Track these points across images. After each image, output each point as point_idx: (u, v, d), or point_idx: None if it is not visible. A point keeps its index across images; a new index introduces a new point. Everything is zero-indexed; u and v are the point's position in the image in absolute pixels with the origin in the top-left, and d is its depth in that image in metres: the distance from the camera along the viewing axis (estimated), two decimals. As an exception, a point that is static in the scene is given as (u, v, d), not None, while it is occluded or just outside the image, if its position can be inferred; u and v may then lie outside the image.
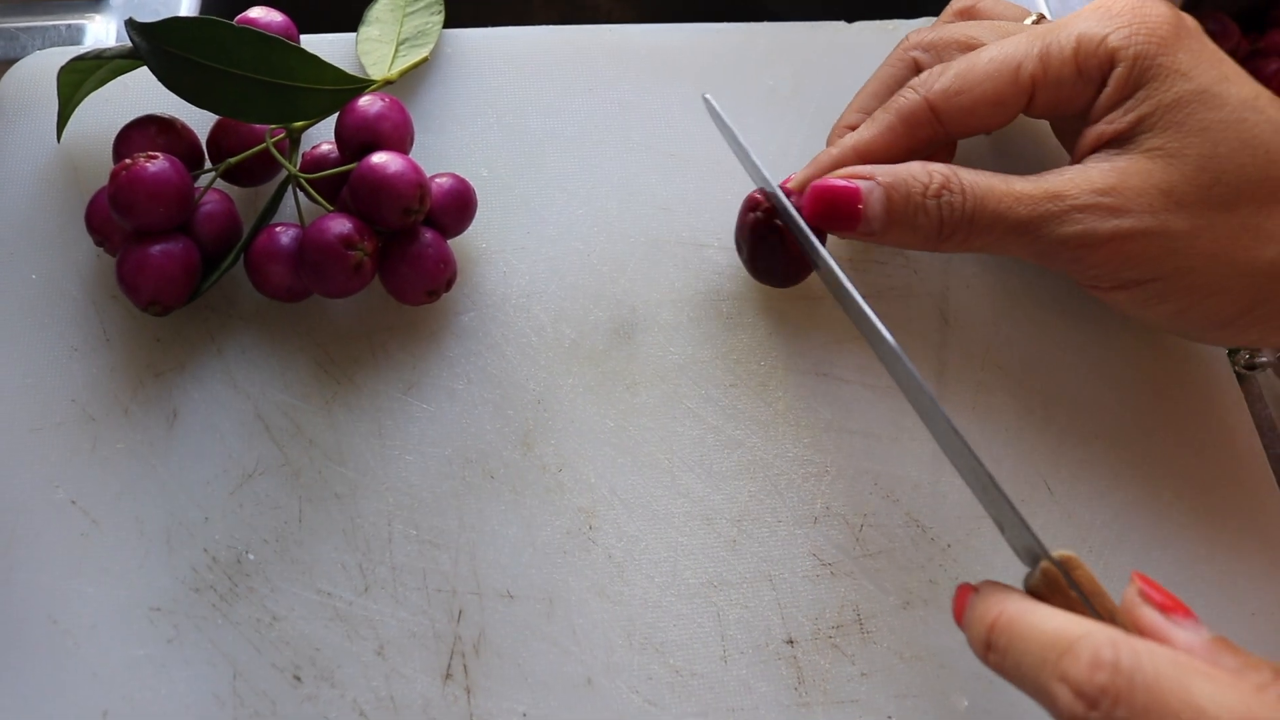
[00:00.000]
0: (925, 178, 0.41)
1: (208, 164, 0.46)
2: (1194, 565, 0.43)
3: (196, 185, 0.43)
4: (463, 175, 0.46)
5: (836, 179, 0.42)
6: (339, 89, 0.44)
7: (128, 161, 0.41)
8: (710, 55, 0.53)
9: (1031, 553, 0.35)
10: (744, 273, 0.47)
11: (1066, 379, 0.47)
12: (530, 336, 0.45)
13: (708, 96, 0.46)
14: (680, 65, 0.52)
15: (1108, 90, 0.40)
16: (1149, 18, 0.40)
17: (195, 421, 0.43)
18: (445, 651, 0.40)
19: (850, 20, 0.55)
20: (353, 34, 0.51)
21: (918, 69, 0.46)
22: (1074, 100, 0.42)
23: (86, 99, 0.46)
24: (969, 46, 0.44)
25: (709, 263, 0.47)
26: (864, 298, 0.46)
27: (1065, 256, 0.40)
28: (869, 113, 0.45)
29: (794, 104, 0.52)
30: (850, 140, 0.44)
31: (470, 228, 0.46)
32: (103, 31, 0.57)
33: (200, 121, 0.46)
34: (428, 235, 0.43)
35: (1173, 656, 0.29)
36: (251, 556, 0.41)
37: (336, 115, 0.44)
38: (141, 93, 0.48)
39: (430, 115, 0.50)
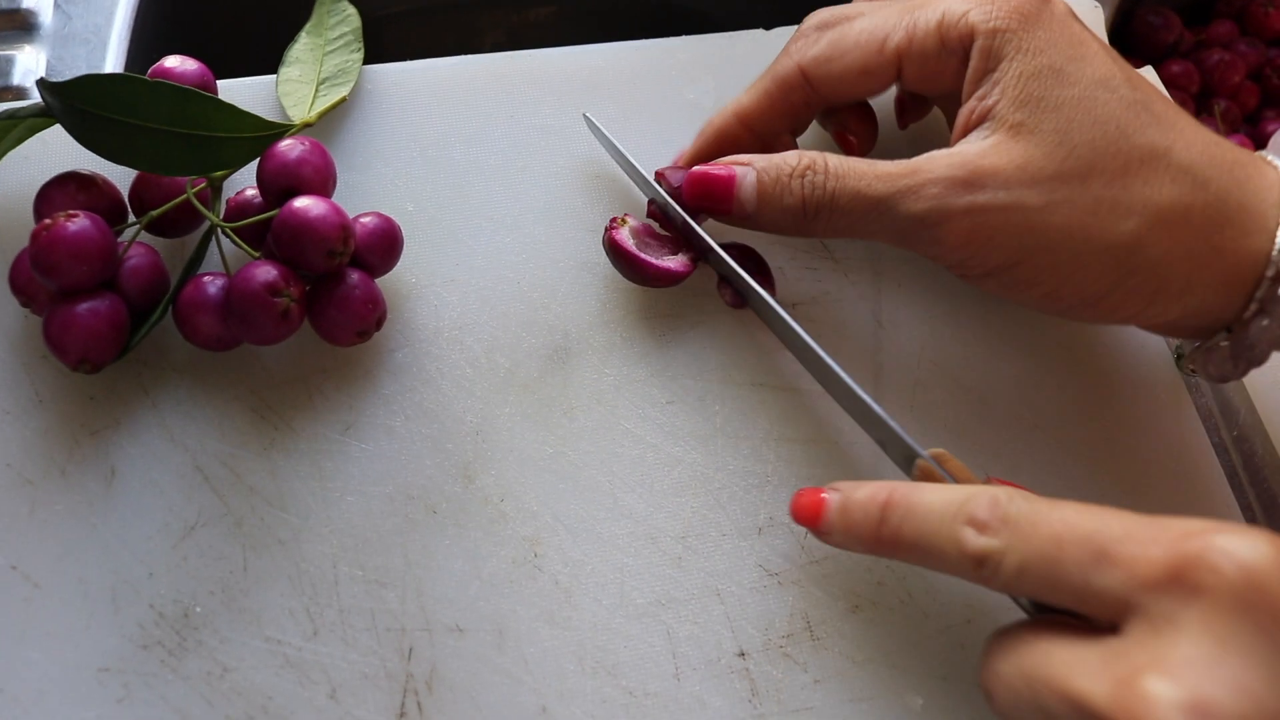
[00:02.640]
0: (795, 160, 0.43)
1: (131, 218, 0.45)
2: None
3: (120, 240, 0.43)
4: (389, 211, 0.46)
5: (714, 167, 0.44)
6: (258, 136, 0.44)
7: (48, 221, 0.41)
8: (629, 73, 0.53)
9: (909, 457, 0.39)
10: (676, 290, 0.47)
11: (1004, 372, 0.47)
12: (465, 368, 0.45)
13: (587, 114, 0.48)
14: (600, 85, 0.52)
15: (971, 64, 0.41)
16: (997, 11, 0.41)
17: (134, 477, 0.43)
18: (398, 690, 0.40)
19: (768, 27, 0.55)
20: (273, 76, 0.51)
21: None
22: (941, 74, 0.43)
23: (5, 158, 0.46)
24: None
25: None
26: (794, 305, 0.47)
27: (925, 236, 0.41)
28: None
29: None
30: (731, 105, 0.46)
31: (399, 264, 0.46)
32: (32, 62, 0.56)
33: (122, 175, 0.46)
34: (354, 276, 0.43)
35: (1040, 498, 0.34)
36: (198, 609, 0.41)
37: (257, 161, 0.44)
38: (61, 149, 0.48)
39: (353, 153, 0.50)
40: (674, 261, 0.46)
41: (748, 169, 0.43)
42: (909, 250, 0.43)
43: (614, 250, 0.46)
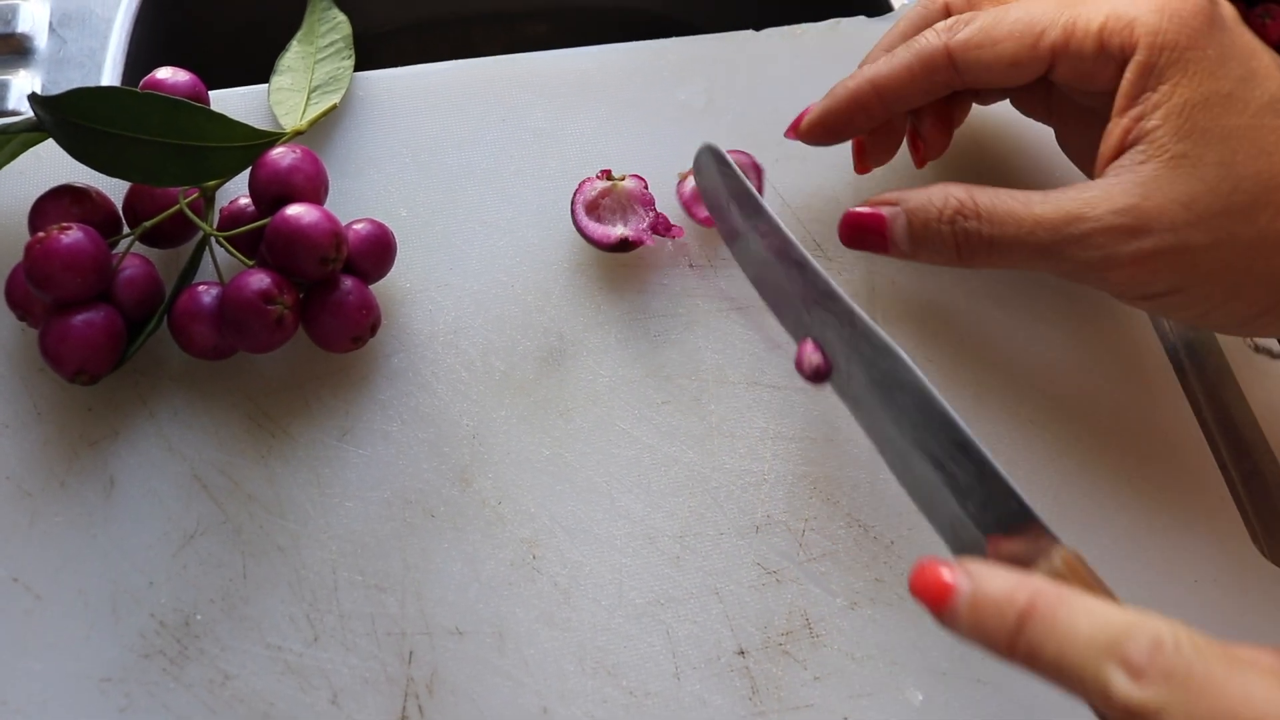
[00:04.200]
0: (941, 203, 0.42)
1: (125, 229, 0.46)
2: (1135, 538, 0.44)
3: (115, 251, 0.43)
4: (382, 217, 0.46)
5: (865, 208, 0.44)
6: (249, 145, 0.44)
7: (41, 234, 0.41)
8: (621, 75, 0.53)
9: (1035, 544, 0.35)
10: (670, 290, 0.47)
11: (999, 363, 0.47)
12: (460, 372, 0.46)
13: (710, 145, 0.46)
14: (591, 88, 0.53)
15: (1127, 77, 0.40)
16: (1182, 8, 0.39)
17: (133, 487, 0.43)
18: (399, 694, 0.40)
19: (758, 28, 0.55)
20: (264, 85, 0.51)
21: (949, 13, 0.46)
22: (1094, 76, 0.41)
23: (-1, 173, 0.46)
24: None
25: (633, 283, 0.48)
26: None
27: (1090, 277, 0.40)
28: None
29: (708, 116, 0.52)
30: (868, 72, 0.45)
31: (393, 269, 0.46)
32: (27, 86, 0.57)
33: (116, 187, 0.46)
34: (348, 283, 0.43)
35: (1223, 649, 0.28)
36: (199, 617, 0.41)
37: (249, 170, 0.44)
38: (55, 163, 0.48)
39: (346, 160, 0.50)
40: (619, 230, 0.47)
41: (897, 211, 0.43)
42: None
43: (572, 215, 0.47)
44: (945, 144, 0.48)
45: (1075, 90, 0.44)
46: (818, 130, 0.46)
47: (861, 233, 0.44)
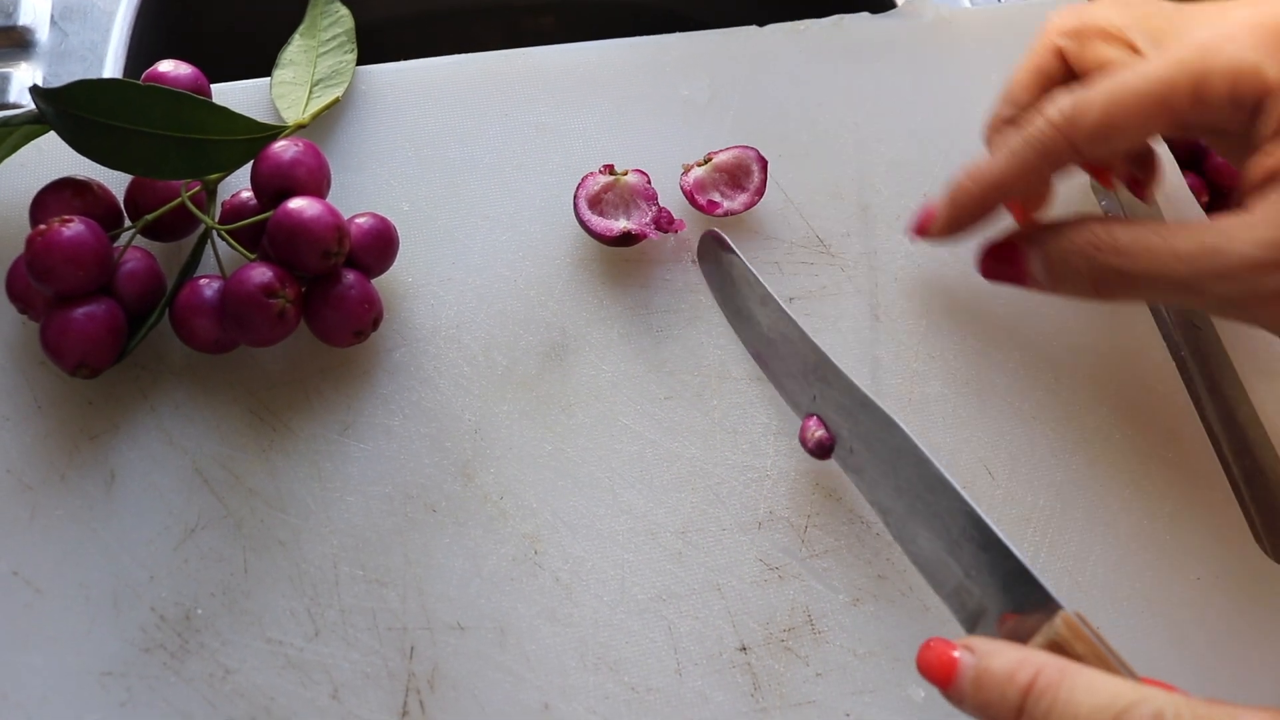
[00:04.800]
0: (1079, 238, 0.41)
1: (127, 222, 0.45)
2: (1138, 537, 0.44)
3: (116, 244, 0.43)
4: (384, 211, 0.46)
5: (1003, 241, 0.44)
6: (251, 138, 0.44)
7: (43, 227, 0.41)
8: (624, 70, 0.53)
9: (1042, 606, 0.34)
10: (672, 285, 0.47)
11: (1001, 364, 0.47)
12: (463, 367, 0.45)
13: (717, 232, 0.47)
14: (594, 83, 0.52)
15: (1267, 120, 0.38)
16: None
17: (134, 481, 0.43)
18: (400, 690, 0.40)
19: (762, 24, 0.55)
20: (267, 79, 0.51)
21: (1063, 59, 0.45)
22: (1226, 125, 0.40)
23: (1, 165, 0.46)
24: (1113, 38, 0.43)
25: (636, 278, 0.48)
26: (790, 299, 0.47)
27: (1234, 313, 0.39)
28: (1021, 106, 0.45)
29: (711, 112, 0.52)
30: (987, 177, 0.43)
31: (395, 263, 0.46)
32: (28, 80, 0.56)
33: (118, 180, 0.46)
34: (350, 276, 0.43)
35: (1224, 714, 0.29)
36: (200, 611, 0.41)
37: (251, 163, 0.44)
38: (57, 156, 0.48)
39: (348, 154, 0.50)
40: (621, 224, 0.47)
41: (1035, 247, 0.43)
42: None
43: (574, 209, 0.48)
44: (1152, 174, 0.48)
45: (1198, 132, 0.43)
46: (946, 235, 0.46)
47: (1000, 265, 0.44)
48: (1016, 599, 0.35)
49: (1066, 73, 0.45)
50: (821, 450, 0.42)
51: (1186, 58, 0.39)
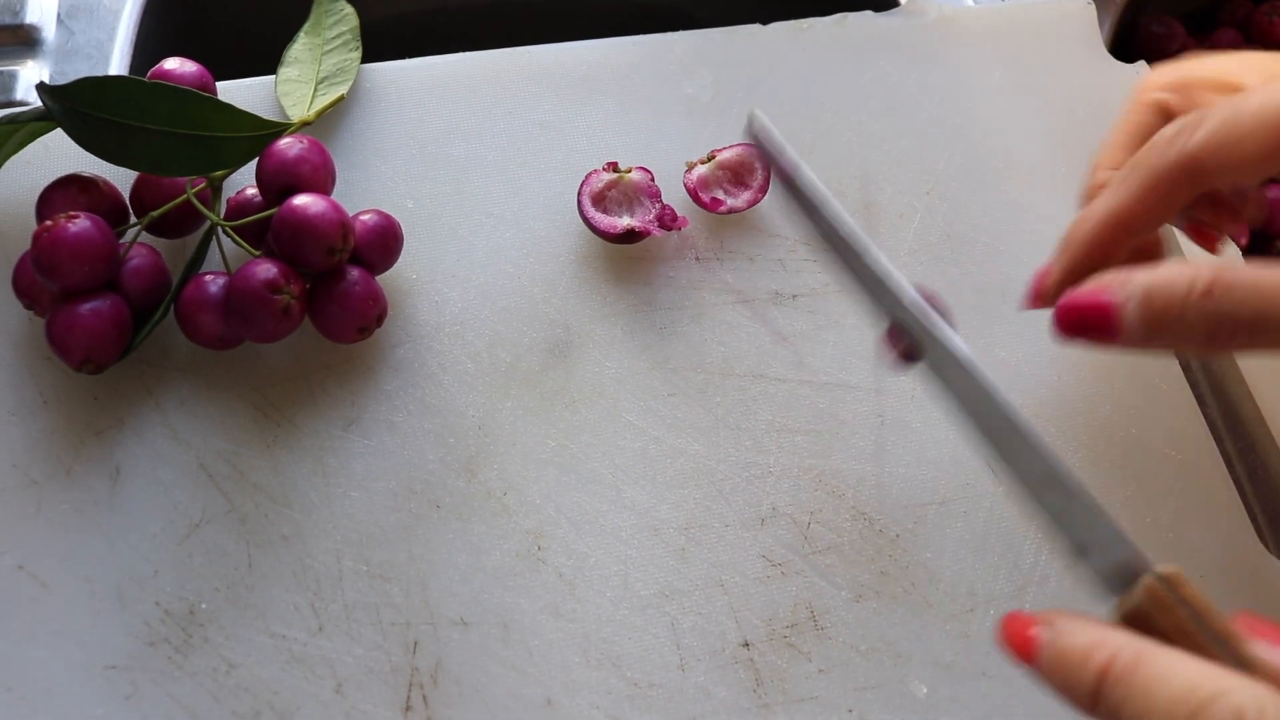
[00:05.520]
0: (1187, 282, 0.35)
1: (132, 218, 0.46)
2: (1141, 533, 0.44)
3: (122, 241, 0.43)
4: (388, 208, 0.46)
5: (1086, 296, 0.37)
6: (256, 135, 0.44)
7: (49, 223, 0.41)
8: (627, 68, 0.53)
9: (1124, 572, 0.32)
10: (676, 283, 0.47)
11: (1004, 360, 0.47)
12: (466, 363, 0.46)
13: (756, 112, 0.40)
14: (598, 80, 0.53)
15: None
16: None
17: (139, 476, 0.43)
18: (403, 684, 0.40)
19: (765, 23, 0.55)
20: (272, 76, 0.51)
21: (1166, 113, 0.42)
22: None
23: (7, 162, 0.46)
24: (1224, 86, 0.40)
25: (639, 275, 0.48)
26: (793, 296, 0.47)
27: None
28: (1118, 167, 0.41)
29: (715, 109, 0.52)
30: (1101, 212, 0.39)
31: (399, 260, 0.46)
32: (35, 77, 0.57)
33: (123, 177, 0.46)
34: (354, 273, 0.43)
35: None
36: (204, 606, 0.41)
37: (256, 160, 0.44)
38: (62, 152, 0.48)
39: (353, 151, 0.50)
40: (625, 221, 0.47)
41: (1130, 295, 0.36)
42: None
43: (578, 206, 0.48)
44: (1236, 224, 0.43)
45: None
46: (1066, 286, 0.40)
47: (1084, 322, 0.37)
48: (1099, 556, 0.33)
49: None
50: (909, 357, 0.37)
51: None
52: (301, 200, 0.42)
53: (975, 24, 0.56)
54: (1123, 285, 0.36)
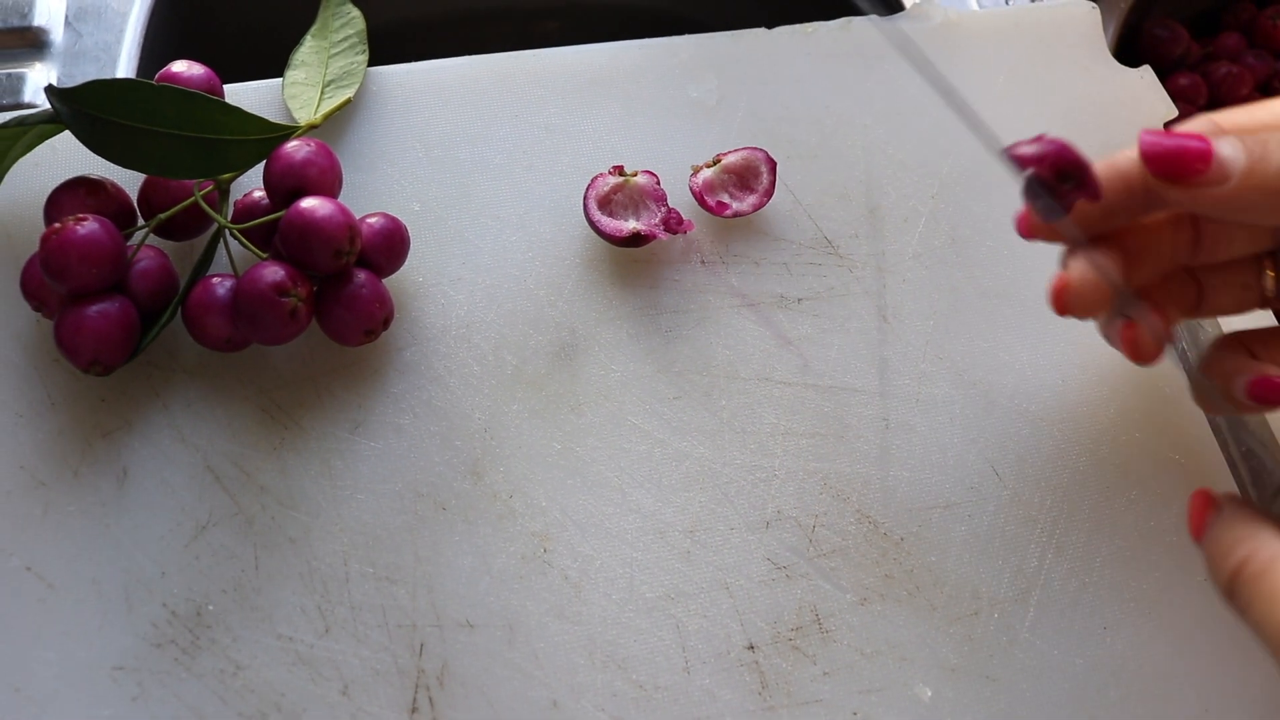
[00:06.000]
0: None
1: (140, 221, 0.46)
2: (1144, 539, 0.44)
3: (129, 243, 0.44)
4: (395, 211, 0.46)
5: (1180, 135, 0.34)
6: (264, 138, 0.44)
7: (57, 225, 0.41)
8: (633, 72, 0.53)
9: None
10: (681, 286, 0.48)
11: (1008, 364, 0.47)
12: (472, 366, 0.46)
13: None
14: (604, 84, 0.53)
15: None
16: None
17: (146, 478, 0.43)
18: (409, 686, 0.40)
19: (770, 27, 0.55)
20: (279, 79, 0.51)
21: None
22: None
23: (15, 164, 0.47)
24: None
25: (645, 279, 0.48)
26: (798, 300, 0.47)
27: None
28: None
29: (720, 114, 0.52)
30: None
31: (406, 263, 0.46)
32: (43, 79, 0.57)
33: (131, 179, 0.46)
34: (361, 276, 0.43)
35: None
36: (211, 607, 0.41)
37: (264, 163, 0.45)
38: (70, 155, 0.48)
39: (359, 154, 0.50)
40: (631, 225, 0.47)
41: (1226, 136, 0.34)
42: None
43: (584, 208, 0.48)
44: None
45: None
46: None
47: (1174, 154, 0.34)
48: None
49: None
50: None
51: None
52: (309, 203, 0.42)
53: (980, 28, 0.56)
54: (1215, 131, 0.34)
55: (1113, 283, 0.38)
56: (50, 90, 0.41)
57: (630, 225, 0.47)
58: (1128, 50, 0.73)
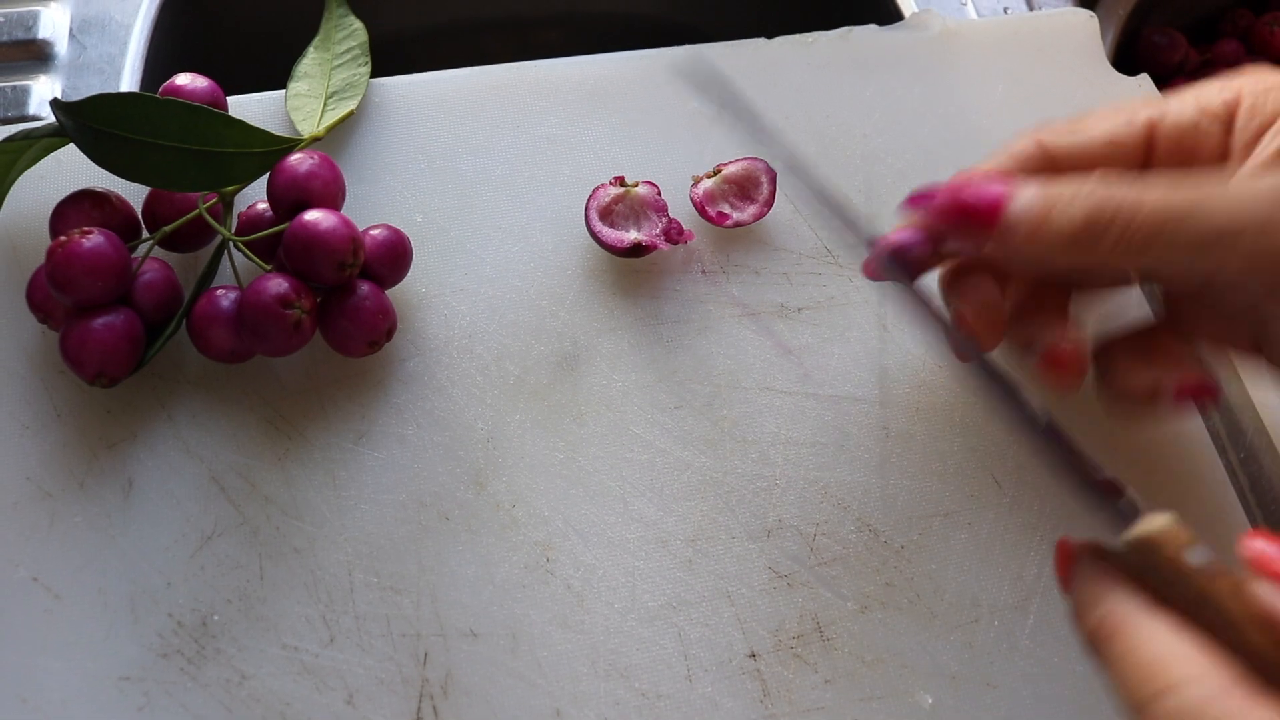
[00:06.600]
0: (1078, 181, 0.37)
1: (145, 233, 0.46)
2: (1143, 545, 0.44)
3: (134, 255, 0.44)
4: (397, 223, 0.47)
5: (976, 184, 0.38)
6: (267, 150, 0.45)
7: (63, 239, 0.42)
8: (634, 83, 0.53)
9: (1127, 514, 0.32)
10: (682, 296, 0.48)
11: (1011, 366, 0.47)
12: (475, 376, 0.46)
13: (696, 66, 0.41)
14: (604, 95, 0.53)
15: (1240, 123, 0.38)
16: (1266, 76, 0.38)
17: (151, 489, 0.43)
18: (414, 695, 0.40)
19: (769, 37, 0.56)
20: (282, 91, 0.52)
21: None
22: (1201, 144, 0.39)
23: (21, 177, 0.47)
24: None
25: (646, 289, 0.48)
26: (799, 309, 0.47)
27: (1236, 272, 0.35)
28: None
29: (720, 124, 0.53)
30: (960, 178, 0.40)
31: (408, 274, 0.46)
32: (48, 92, 0.57)
33: (135, 192, 0.46)
34: (365, 287, 0.43)
35: None
36: (216, 617, 0.41)
37: (267, 176, 0.45)
38: (76, 167, 0.48)
39: (362, 166, 0.50)
40: (632, 235, 0.48)
41: (1021, 187, 0.37)
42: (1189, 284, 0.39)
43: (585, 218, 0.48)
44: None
45: (1181, 165, 0.40)
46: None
47: (965, 206, 0.38)
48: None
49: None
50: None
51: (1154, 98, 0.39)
52: (312, 215, 0.42)
53: (979, 37, 0.57)
54: (1018, 183, 0.37)
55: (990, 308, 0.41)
56: (55, 104, 0.42)
57: (631, 236, 0.47)
58: (1126, 58, 0.73)
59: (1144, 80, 0.55)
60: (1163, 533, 0.31)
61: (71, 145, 0.46)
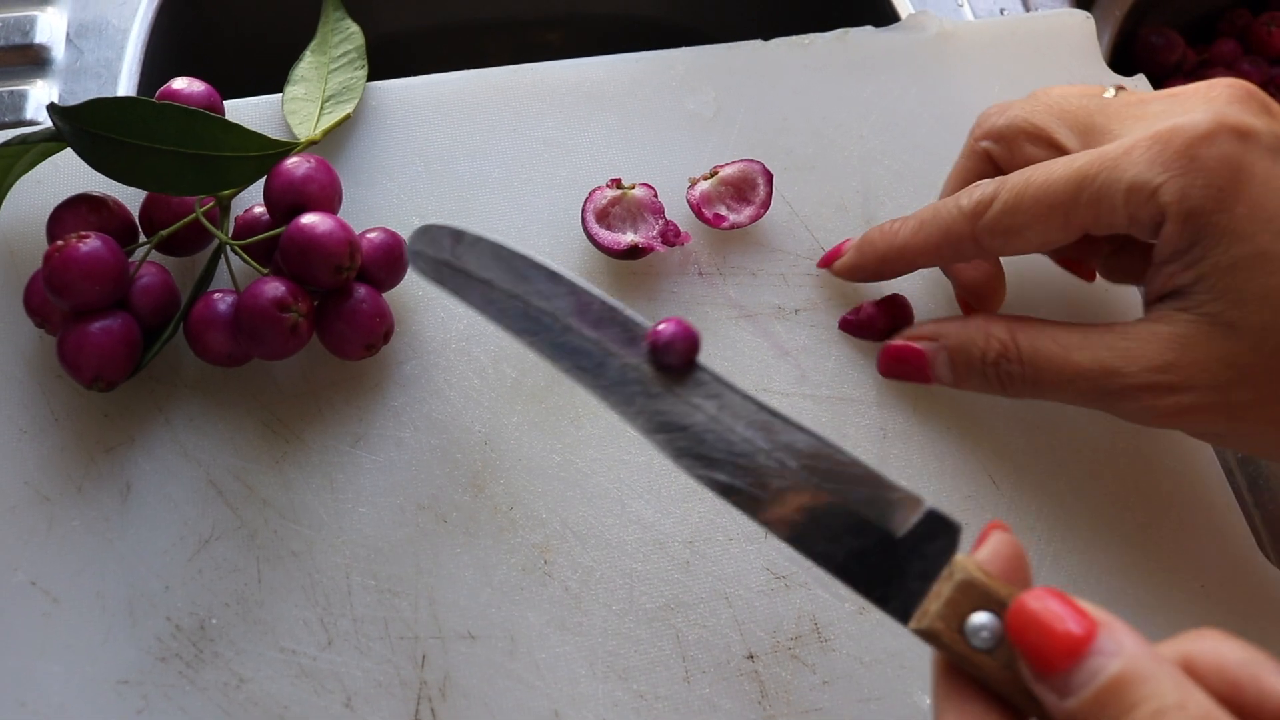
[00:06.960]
0: (983, 343, 0.42)
1: (142, 237, 0.46)
2: (1142, 543, 0.44)
3: (131, 259, 0.44)
4: (394, 226, 0.47)
5: (904, 341, 0.45)
6: (264, 154, 0.45)
7: (60, 243, 0.42)
8: (630, 84, 0.53)
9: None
10: (679, 297, 0.48)
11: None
12: (472, 379, 0.46)
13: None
14: (601, 97, 0.53)
15: (1161, 244, 0.39)
16: (1206, 163, 0.37)
17: (149, 493, 0.43)
18: (412, 698, 0.40)
19: (766, 38, 0.56)
20: (279, 95, 0.52)
21: (991, 161, 0.46)
22: (1131, 234, 0.40)
23: (18, 182, 0.47)
24: (1036, 137, 0.43)
25: (643, 291, 0.48)
26: (796, 311, 0.47)
27: (1134, 421, 0.41)
28: None
29: (717, 126, 0.53)
30: (900, 236, 0.45)
31: (405, 277, 0.46)
32: (45, 97, 0.57)
33: (132, 196, 0.46)
34: (361, 291, 0.43)
35: None
36: (214, 621, 0.41)
37: (264, 179, 0.45)
38: (73, 172, 0.48)
39: (359, 169, 0.50)
40: (629, 237, 0.48)
41: (938, 348, 0.44)
42: None
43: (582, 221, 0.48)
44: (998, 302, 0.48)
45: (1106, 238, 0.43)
46: (847, 276, 0.48)
47: (903, 366, 0.45)
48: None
49: (997, 174, 0.44)
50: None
51: (1089, 171, 0.39)
52: (309, 219, 0.42)
53: (976, 38, 0.57)
54: (934, 341, 0.44)
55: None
56: (52, 108, 0.42)
57: (628, 238, 0.47)
58: (1123, 58, 0.73)
59: (1140, 80, 0.55)
60: (936, 619, 0.30)
61: (68, 150, 0.46)
